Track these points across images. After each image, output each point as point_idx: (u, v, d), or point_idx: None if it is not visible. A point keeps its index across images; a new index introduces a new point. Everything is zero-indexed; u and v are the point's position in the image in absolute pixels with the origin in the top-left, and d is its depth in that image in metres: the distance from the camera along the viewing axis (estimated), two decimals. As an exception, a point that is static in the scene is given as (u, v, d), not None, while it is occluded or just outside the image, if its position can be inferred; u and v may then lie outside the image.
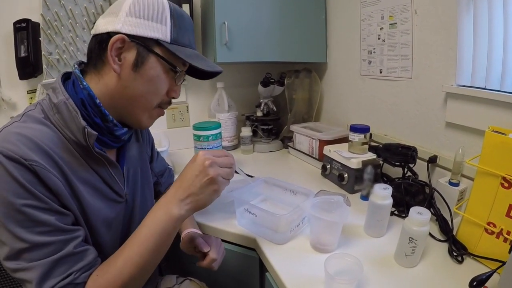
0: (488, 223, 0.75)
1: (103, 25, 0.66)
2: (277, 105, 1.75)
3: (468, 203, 0.81)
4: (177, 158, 1.60)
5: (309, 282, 0.74)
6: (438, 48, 1.04)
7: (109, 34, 0.65)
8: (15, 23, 1.35)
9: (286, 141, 1.71)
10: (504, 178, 0.71)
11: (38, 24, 1.38)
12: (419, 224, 0.74)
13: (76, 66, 0.70)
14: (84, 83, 0.67)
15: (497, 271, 0.67)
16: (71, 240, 0.60)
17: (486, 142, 0.75)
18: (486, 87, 0.90)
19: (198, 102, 1.80)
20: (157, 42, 0.67)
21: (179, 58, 0.69)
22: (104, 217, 0.71)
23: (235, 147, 1.75)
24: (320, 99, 1.69)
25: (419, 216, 0.74)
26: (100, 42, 0.66)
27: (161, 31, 0.67)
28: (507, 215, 0.72)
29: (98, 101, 0.67)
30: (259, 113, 1.70)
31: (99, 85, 0.69)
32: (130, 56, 0.66)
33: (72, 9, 1.38)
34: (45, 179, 0.57)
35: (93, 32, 0.68)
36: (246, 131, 1.64)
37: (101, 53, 0.66)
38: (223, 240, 0.98)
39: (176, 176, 0.77)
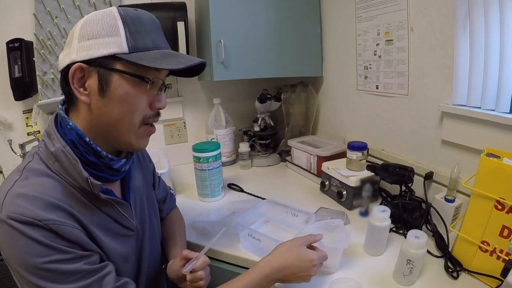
0: (482, 242, 0.78)
1: (62, 60, 0.64)
2: (274, 120, 1.77)
3: (463, 222, 0.83)
4: (176, 175, 1.61)
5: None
6: (435, 66, 1.05)
7: (68, 67, 0.61)
8: (7, 43, 1.33)
9: (284, 154, 1.72)
10: (498, 201, 0.74)
11: (32, 43, 1.37)
12: (416, 247, 0.77)
13: (59, 106, 0.68)
14: (71, 123, 0.64)
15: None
16: (105, 276, 0.61)
17: (481, 166, 0.78)
18: (481, 107, 0.91)
19: (195, 117, 1.81)
20: (114, 57, 0.60)
21: (144, 66, 0.61)
22: (121, 254, 0.72)
23: (233, 162, 1.76)
24: (317, 112, 1.71)
25: (416, 240, 0.77)
26: (65, 77, 0.63)
27: (116, 44, 0.60)
28: (500, 235, 0.75)
29: (87, 139, 0.64)
30: (256, 128, 1.72)
31: (79, 120, 0.66)
32: (93, 82, 0.62)
33: (65, 27, 1.38)
34: (63, 233, 0.57)
35: (58, 68, 0.66)
36: (244, 147, 1.65)
37: (69, 88, 0.63)
38: (227, 263, 0.99)
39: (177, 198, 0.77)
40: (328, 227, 0.92)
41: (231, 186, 1.44)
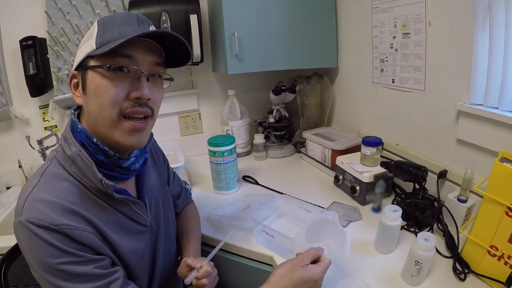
0: (491, 246, 0.78)
1: None
2: (289, 111, 1.77)
3: (473, 225, 0.83)
4: (192, 166, 1.65)
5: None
6: (452, 63, 1.02)
7: None
8: (21, 41, 1.35)
9: (299, 146, 1.73)
10: (509, 208, 0.74)
11: (45, 40, 1.38)
12: (425, 250, 0.78)
13: (72, 111, 0.73)
14: (79, 126, 0.69)
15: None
16: (112, 282, 0.65)
17: (494, 171, 0.77)
18: (499, 108, 0.89)
19: (210, 109, 1.82)
20: (87, 57, 0.66)
21: (112, 54, 0.63)
22: (135, 250, 0.75)
23: (248, 153, 1.78)
24: (332, 104, 1.70)
25: (425, 242, 0.78)
26: None
27: (89, 46, 0.65)
28: (509, 241, 0.75)
29: (95, 140, 0.68)
30: (271, 119, 1.72)
31: (85, 123, 0.71)
32: (79, 84, 0.69)
33: (77, 23, 1.39)
34: (77, 237, 0.61)
35: None
36: (259, 139, 1.66)
37: None
38: (241, 256, 1.03)
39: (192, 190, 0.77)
40: (322, 223, 0.88)
41: (246, 178, 1.47)
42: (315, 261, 0.75)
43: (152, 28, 0.71)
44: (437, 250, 0.90)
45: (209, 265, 0.82)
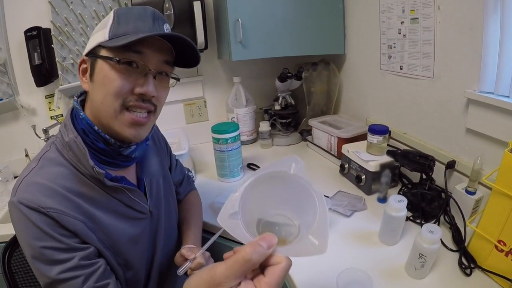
0: (499, 241, 0.76)
1: None
2: (295, 98, 1.74)
3: (481, 218, 0.81)
4: (197, 154, 1.65)
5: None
6: (462, 49, 0.98)
7: None
8: (25, 32, 1.36)
9: (305, 134, 1.71)
10: None
11: (49, 30, 1.38)
12: (429, 242, 0.76)
13: (75, 98, 0.74)
14: (81, 114, 0.70)
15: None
16: (91, 275, 0.65)
17: (504, 163, 0.74)
18: (510, 97, 0.85)
19: (215, 96, 1.81)
20: (99, 46, 0.66)
21: (123, 48, 0.64)
22: (130, 235, 0.75)
23: (253, 141, 1.76)
24: (339, 91, 1.66)
25: (430, 234, 0.75)
26: None
27: (102, 35, 0.66)
28: None
29: (96, 127, 0.69)
30: (277, 107, 1.70)
31: (89, 110, 0.72)
32: (88, 70, 0.70)
33: (81, 13, 1.38)
34: (63, 223, 0.62)
35: None
36: (265, 126, 1.64)
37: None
38: (239, 243, 1.02)
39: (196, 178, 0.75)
40: (276, 181, 0.48)
41: (251, 166, 1.46)
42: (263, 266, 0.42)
43: (167, 26, 0.71)
44: (442, 243, 0.88)
45: (204, 256, 0.81)
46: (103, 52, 0.66)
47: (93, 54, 0.68)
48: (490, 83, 0.91)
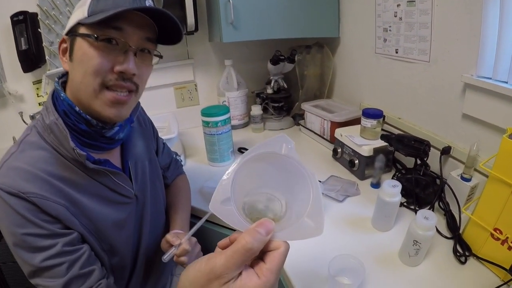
0: (495, 229, 0.75)
1: None
2: (288, 82, 1.70)
3: (477, 205, 0.80)
4: (187, 138, 1.62)
5: (314, 278, 0.77)
6: (460, 32, 0.95)
7: None
8: (12, 17, 1.31)
9: (298, 118, 1.68)
10: None
11: (36, 14, 1.33)
12: (424, 229, 0.74)
13: (56, 79, 0.71)
14: (62, 95, 0.67)
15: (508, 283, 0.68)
16: (76, 261, 0.63)
17: (502, 148, 0.72)
18: (508, 82, 0.83)
19: (206, 80, 1.76)
20: (78, 24, 0.64)
21: (102, 25, 0.61)
22: (114, 220, 0.74)
23: (245, 125, 1.74)
24: (333, 75, 1.63)
25: (425, 221, 0.74)
26: None
27: (81, 12, 0.63)
28: None
29: (77, 108, 0.66)
30: (269, 90, 1.66)
31: (69, 90, 0.69)
32: (67, 50, 0.67)
33: (68, -5, 1.32)
34: (44, 208, 0.60)
35: None
36: (257, 110, 1.61)
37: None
38: (226, 227, 1.02)
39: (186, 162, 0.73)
40: (268, 164, 0.47)
41: (242, 150, 1.43)
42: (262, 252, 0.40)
43: (149, 2, 0.68)
44: (437, 230, 0.87)
45: (189, 242, 0.80)
46: (82, 30, 0.63)
47: (72, 32, 0.65)
48: (488, 68, 0.89)
